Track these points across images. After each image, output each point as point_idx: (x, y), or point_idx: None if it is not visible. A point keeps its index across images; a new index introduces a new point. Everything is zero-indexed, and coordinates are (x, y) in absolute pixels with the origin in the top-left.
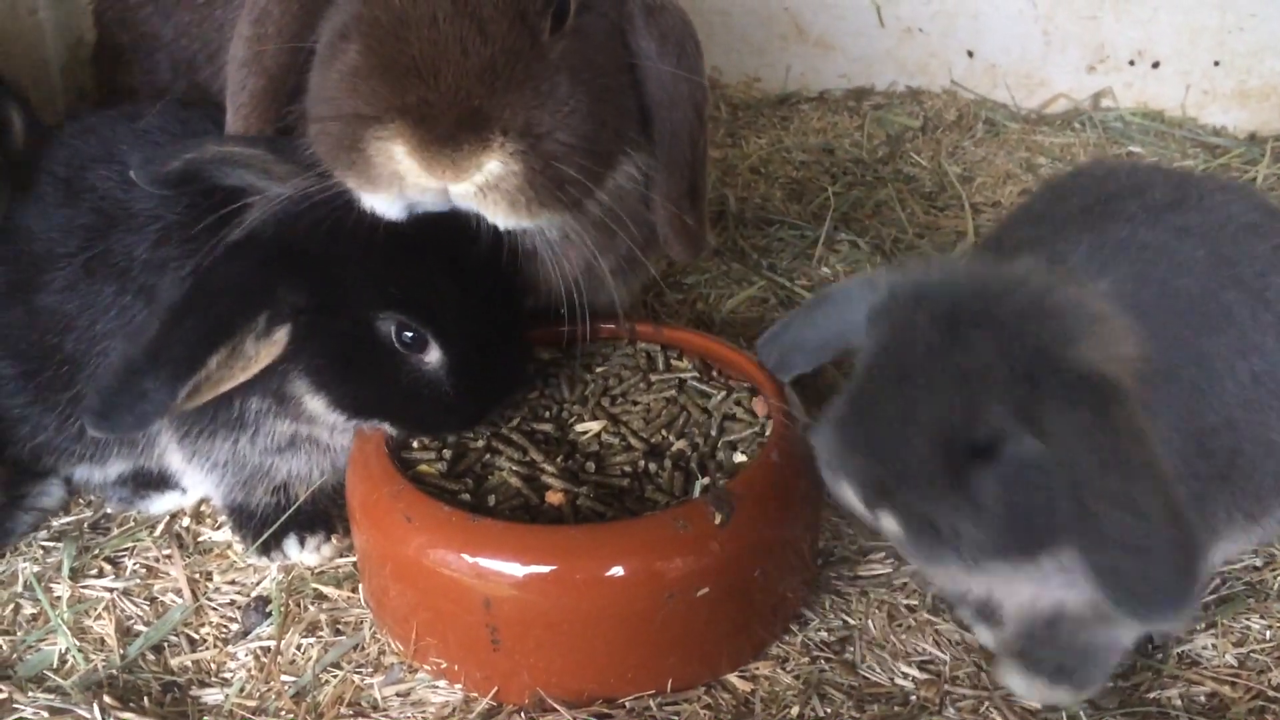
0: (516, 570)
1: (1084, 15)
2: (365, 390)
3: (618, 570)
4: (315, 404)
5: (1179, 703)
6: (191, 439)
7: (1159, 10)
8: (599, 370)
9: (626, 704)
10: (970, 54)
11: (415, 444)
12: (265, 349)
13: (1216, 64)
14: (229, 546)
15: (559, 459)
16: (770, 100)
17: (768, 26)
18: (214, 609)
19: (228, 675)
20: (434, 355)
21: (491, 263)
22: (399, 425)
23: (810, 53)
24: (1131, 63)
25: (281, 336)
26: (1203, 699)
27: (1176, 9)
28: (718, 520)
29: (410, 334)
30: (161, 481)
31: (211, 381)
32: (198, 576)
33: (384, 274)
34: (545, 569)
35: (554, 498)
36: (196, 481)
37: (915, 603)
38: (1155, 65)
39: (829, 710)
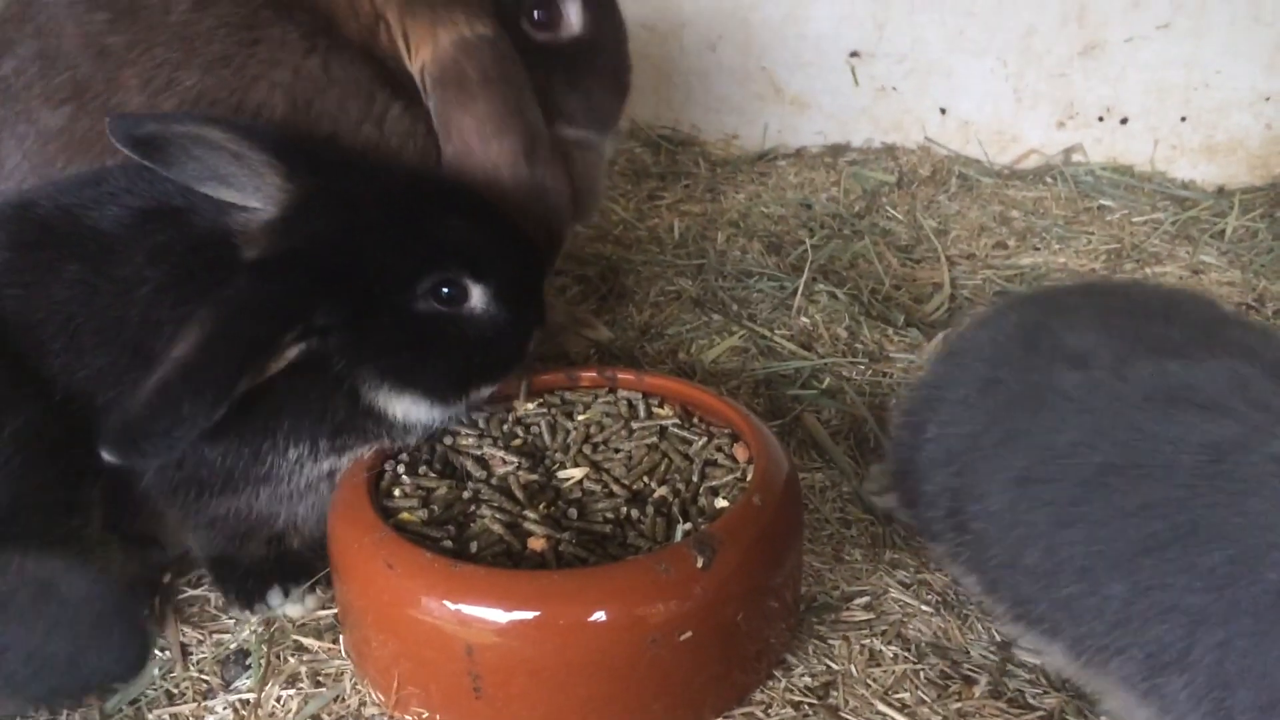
0: (499, 616)
1: (1054, 73)
2: (446, 365)
3: (600, 615)
4: (400, 407)
5: None
6: (191, 499)
7: (1126, 68)
8: (581, 418)
9: None
10: (943, 111)
11: (397, 492)
12: (272, 365)
13: (1184, 119)
14: (207, 601)
15: (541, 506)
16: (749, 157)
17: (745, 86)
18: (193, 663)
19: None
20: (477, 294)
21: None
22: (489, 381)
23: (787, 111)
24: (1100, 119)
25: (291, 354)
26: None
27: (1144, 67)
28: (700, 563)
29: (447, 289)
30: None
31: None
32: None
33: (402, 248)
34: (528, 615)
35: (536, 544)
36: (180, 539)
37: (897, 648)
38: (1124, 121)
39: None
